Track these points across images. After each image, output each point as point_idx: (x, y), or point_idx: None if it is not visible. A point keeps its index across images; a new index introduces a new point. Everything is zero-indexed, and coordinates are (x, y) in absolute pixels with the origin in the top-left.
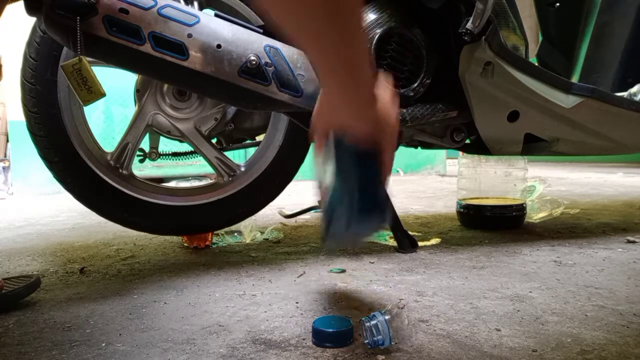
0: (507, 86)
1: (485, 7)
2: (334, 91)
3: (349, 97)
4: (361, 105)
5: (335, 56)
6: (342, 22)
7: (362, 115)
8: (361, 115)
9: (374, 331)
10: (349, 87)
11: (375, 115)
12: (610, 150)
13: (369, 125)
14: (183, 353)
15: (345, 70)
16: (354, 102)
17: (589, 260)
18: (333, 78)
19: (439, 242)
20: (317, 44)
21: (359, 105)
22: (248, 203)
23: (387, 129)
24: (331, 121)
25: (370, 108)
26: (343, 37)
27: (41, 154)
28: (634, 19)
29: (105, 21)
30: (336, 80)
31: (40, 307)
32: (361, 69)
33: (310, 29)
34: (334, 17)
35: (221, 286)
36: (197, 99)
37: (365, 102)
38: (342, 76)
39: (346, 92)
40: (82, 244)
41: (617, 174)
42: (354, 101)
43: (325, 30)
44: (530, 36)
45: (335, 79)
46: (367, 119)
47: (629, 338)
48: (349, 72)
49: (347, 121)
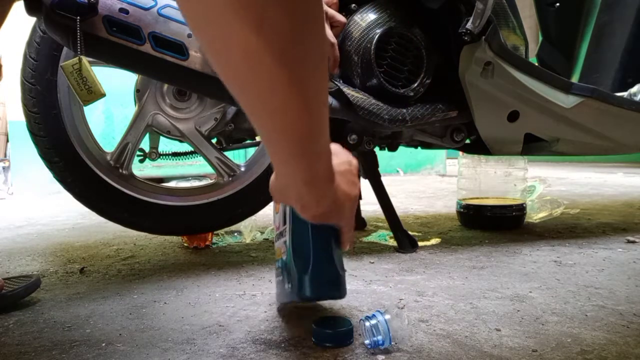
0: (507, 86)
1: (485, 7)
2: (281, 171)
3: (299, 177)
4: (314, 186)
5: (281, 129)
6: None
7: (315, 196)
8: (314, 196)
9: (374, 331)
10: (299, 166)
11: (332, 194)
12: (610, 150)
13: (323, 206)
14: (183, 353)
15: (293, 147)
16: (305, 184)
17: (589, 260)
18: (277, 153)
19: (439, 242)
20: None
21: (310, 187)
22: (248, 203)
23: (344, 208)
24: (282, 198)
25: (325, 187)
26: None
27: (41, 154)
28: (634, 19)
29: (105, 21)
30: (281, 157)
31: (40, 307)
32: (315, 143)
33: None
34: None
35: (221, 286)
36: (197, 99)
37: (319, 181)
38: (289, 153)
39: (295, 173)
40: (82, 244)
41: (617, 174)
42: (304, 182)
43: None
44: (530, 36)
45: (281, 155)
46: (320, 200)
47: (629, 338)
48: (297, 151)
49: (297, 202)
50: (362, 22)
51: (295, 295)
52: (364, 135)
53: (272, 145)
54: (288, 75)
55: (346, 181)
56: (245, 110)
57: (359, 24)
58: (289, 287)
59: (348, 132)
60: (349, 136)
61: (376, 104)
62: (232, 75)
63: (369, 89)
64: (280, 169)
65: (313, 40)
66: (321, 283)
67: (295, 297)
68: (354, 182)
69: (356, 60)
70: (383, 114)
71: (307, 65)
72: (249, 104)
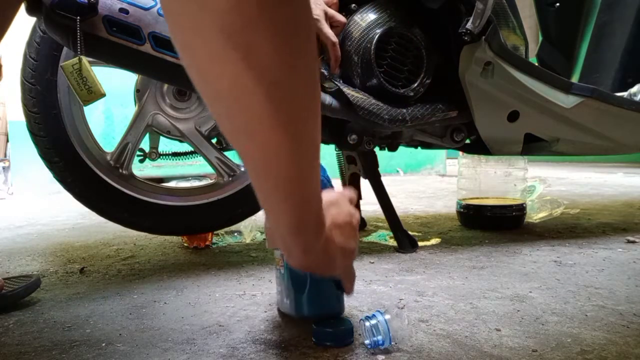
0: (507, 86)
1: (485, 7)
2: (266, 214)
3: (284, 223)
4: (299, 235)
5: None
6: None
7: (302, 245)
8: (300, 246)
9: (374, 331)
10: (284, 212)
11: (321, 246)
12: (610, 150)
13: (310, 257)
14: (183, 353)
15: (277, 189)
16: (290, 232)
17: (589, 260)
18: (262, 192)
19: (439, 242)
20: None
21: (296, 236)
22: (248, 203)
23: (335, 262)
24: (271, 241)
25: (312, 238)
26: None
27: (41, 154)
28: (634, 19)
29: (105, 21)
30: (266, 198)
31: (40, 307)
32: (303, 188)
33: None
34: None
35: (221, 286)
36: (197, 99)
37: (306, 231)
38: (274, 195)
39: (279, 218)
40: (82, 244)
41: (617, 174)
42: (289, 230)
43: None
44: (530, 36)
45: (265, 195)
46: (308, 251)
47: (629, 338)
48: (282, 194)
49: (284, 250)
50: (362, 22)
51: (294, 312)
52: (364, 135)
53: (256, 182)
54: (275, 111)
55: (343, 234)
56: (230, 140)
57: (359, 24)
58: (288, 303)
59: (348, 132)
60: (349, 136)
61: (376, 104)
62: (219, 104)
63: (369, 89)
64: (266, 210)
65: (303, 79)
66: (319, 302)
67: (294, 314)
68: (352, 236)
69: (356, 60)
70: (383, 114)
71: (297, 105)
72: (234, 136)
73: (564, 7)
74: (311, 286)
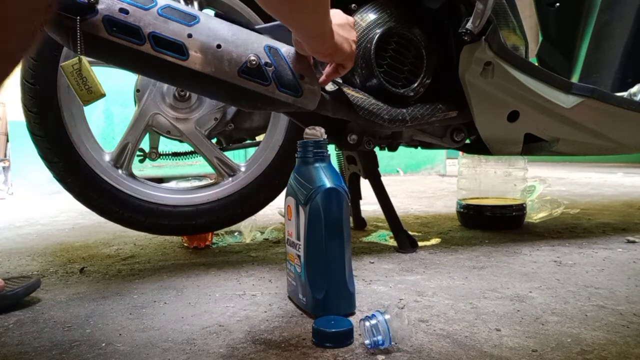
0: (507, 86)
1: (485, 7)
2: (297, 34)
3: (310, 37)
4: (319, 41)
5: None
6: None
7: (320, 47)
8: (319, 47)
9: (374, 331)
10: (309, 32)
11: (332, 44)
12: (610, 150)
13: (328, 51)
14: (183, 353)
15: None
16: (313, 41)
17: (589, 260)
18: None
19: (439, 242)
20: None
21: (316, 41)
22: (248, 203)
23: (344, 47)
24: (302, 50)
25: (326, 41)
26: None
27: (41, 154)
28: (634, 19)
29: (105, 21)
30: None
31: (40, 307)
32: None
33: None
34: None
35: (221, 286)
36: (197, 99)
37: (326, 29)
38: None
39: (307, 36)
40: (82, 244)
41: (617, 174)
42: (312, 40)
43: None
44: (530, 36)
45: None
46: (325, 48)
47: (629, 338)
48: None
49: (311, 51)
50: (362, 22)
51: (310, 310)
52: (364, 135)
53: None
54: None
55: (344, 30)
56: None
57: (359, 24)
58: (303, 300)
59: (348, 132)
60: (349, 136)
61: (376, 104)
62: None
63: (369, 89)
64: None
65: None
66: (334, 304)
67: (309, 310)
68: (349, 30)
69: (356, 60)
70: (383, 114)
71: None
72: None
73: (564, 7)
74: (328, 290)
